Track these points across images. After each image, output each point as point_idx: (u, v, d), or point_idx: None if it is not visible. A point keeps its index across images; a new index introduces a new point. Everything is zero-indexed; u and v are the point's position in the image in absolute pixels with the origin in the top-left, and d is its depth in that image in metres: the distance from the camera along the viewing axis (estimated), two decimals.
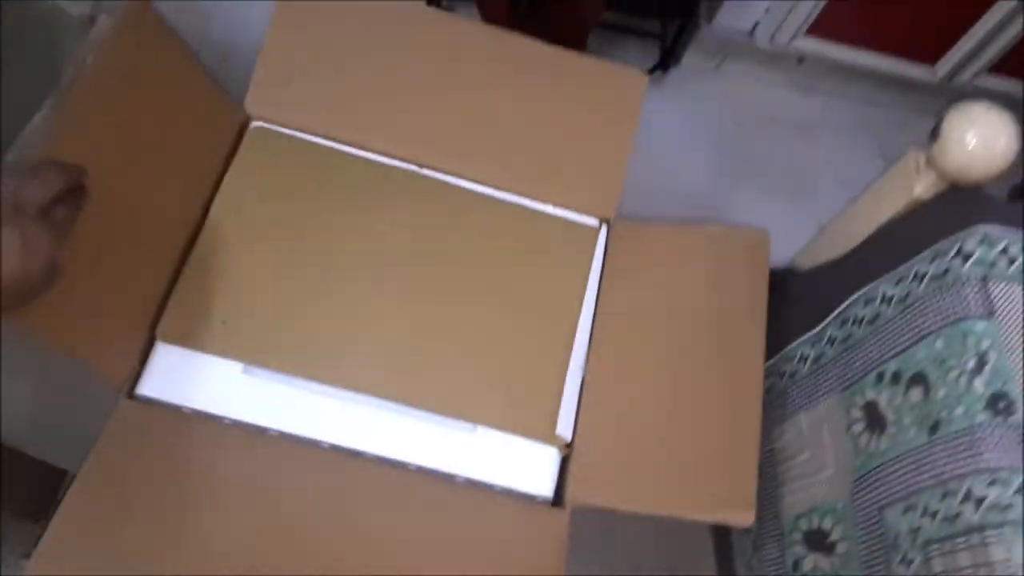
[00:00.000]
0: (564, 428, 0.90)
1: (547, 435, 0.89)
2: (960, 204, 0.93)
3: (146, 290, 0.87)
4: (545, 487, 0.88)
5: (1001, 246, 0.89)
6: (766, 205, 1.56)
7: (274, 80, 0.99)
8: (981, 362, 0.84)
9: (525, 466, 0.88)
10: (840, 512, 0.97)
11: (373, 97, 1.00)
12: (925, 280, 0.92)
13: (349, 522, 0.83)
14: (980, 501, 0.80)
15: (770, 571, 1.07)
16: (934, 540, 0.84)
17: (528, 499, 0.88)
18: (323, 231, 0.94)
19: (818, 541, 1.00)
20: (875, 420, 0.95)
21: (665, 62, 1.50)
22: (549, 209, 1.01)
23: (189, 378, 0.86)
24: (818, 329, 1.08)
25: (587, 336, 0.95)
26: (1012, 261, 0.89)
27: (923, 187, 0.96)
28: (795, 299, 1.11)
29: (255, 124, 0.98)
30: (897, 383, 0.92)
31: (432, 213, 0.98)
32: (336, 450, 0.86)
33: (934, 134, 0.93)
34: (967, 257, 0.89)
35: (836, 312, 1.05)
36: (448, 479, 0.87)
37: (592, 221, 1.02)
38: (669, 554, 1.28)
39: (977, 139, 0.90)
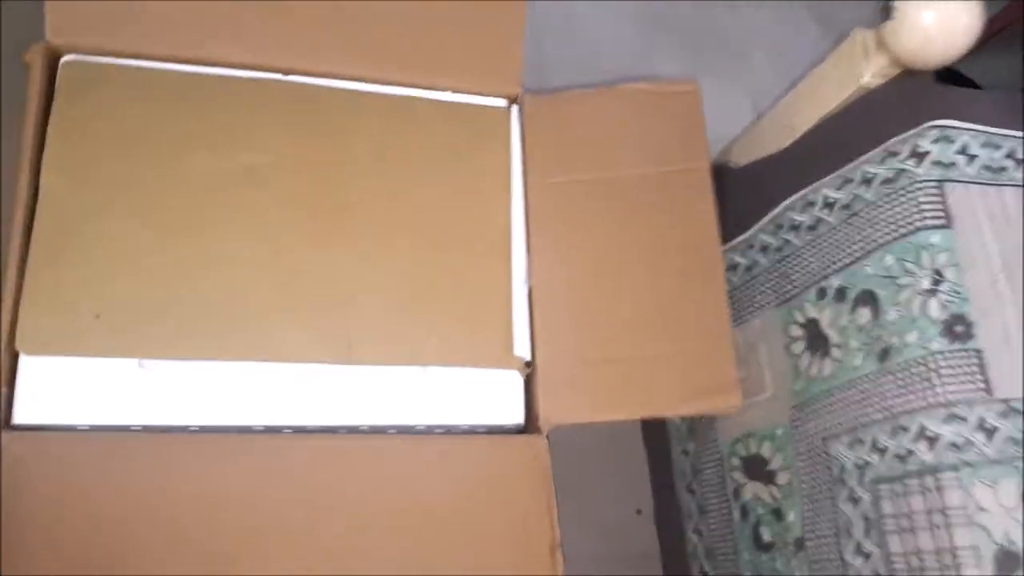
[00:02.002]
0: (521, 347, 0.79)
1: (504, 358, 0.79)
2: (914, 95, 0.81)
3: None
4: (514, 415, 0.78)
5: (960, 143, 0.78)
6: (697, 81, 1.42)
7: None
8: (937, 280, 0.74)
9: (487, 398, 0.78)
10: (780, 439, 0.89)
11: None
12: (874, 184, 0.81)
13: (313, 507, 0.72)
14: (934, 439, 0.72)
15: (712, 496, 1.00)
16: (883, 479, 0.76)
17: (498, 432, 0.78)
18: (188, 177, 0.76)
19: (757, 468, 0.93)
20: (817, 340, 0.86)
21: None
22: (447, 97, 0.86)
23: (74, 390, 0.70)
24: (749, 234, 0.97)
25: (523, 237, 0.83)
26: (972, 159, 0.78)
27: (872, 73, 0.83)
28: (727, 199, 0.99)
29: (67, 58, 0.77)
30: (842, 301, 0.83)
31: (309, 129, 0.81)
32: (273, 431, 0.73)
33: (885, 13, 0.80)
34: (922, 157, 0.77)
35: (769, 216, 0.94)
36: (406, 432, 0.76)
37: (499, 102, 0.87)
38: (605, 483, 1.21)
39: (935, 18, 0.77)
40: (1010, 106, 0.80)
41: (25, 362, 0.70)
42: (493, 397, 0.78)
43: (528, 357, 0.79)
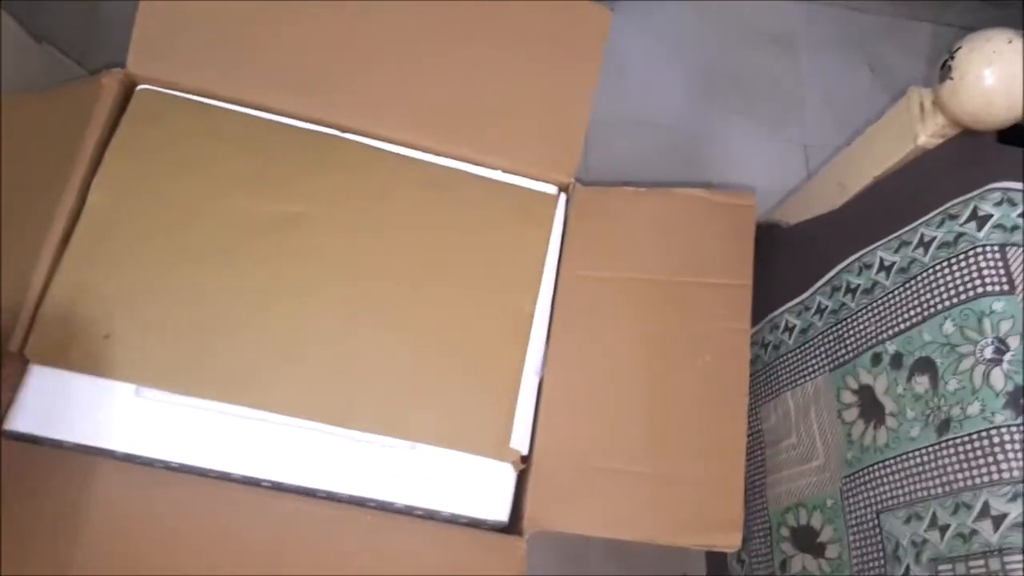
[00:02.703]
0: (519, 440, 0.76)
1: (499, 449, 0.75)
2: (974, 156, 0.78)
3: (12, 300, 0.72)
4: (499, 510, 0.75)
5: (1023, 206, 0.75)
6: (748, 132, 1.40)
7: (160, 32, 0.81)
8: (1000, 349, 0.71)
9: (475, 487, 0.75)
10: (831, 510, 0.86)
11: (281, 47, 0.83)
12: (932, 247, 0.78)
13: (273, 567, 0.70)
14: (1000, 518, 0.68)
15: (760, 567, 0.96)
16: (943, 558, 0.72)
17: (479, 525, 0.75)
18: (227, 217, 0.77)
19: (807, 540, 0.89)
20: (871, 408, 0.82)
21: None
22: (498, 176, 0.85)
23: (69, 406, 0.71)
24: (805, 296, 0.94)
25: (545, 328, 0.81)
26: None
27: (929, 134, 0.81)
28: (781, 259, 0.97)
29: (142, 87, 0.81)
30: (898, 368, 0.79)
31: (358, 188, 0.81)
32: (250, 483, 0.72)
33: (944, 71, 0.77)
34: (983, 221, 0.74)
35: (825, 278, 0.91)
36: (385, 507, 0.74)
37: (550, 188, 0.86)
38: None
39: (996, 79, 0.74)
40: None
41: (31, 371, 0.71)
42: (481, 488, 0.75)
43: (525, 452, 0.76)
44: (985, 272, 0.73)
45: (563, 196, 0.86)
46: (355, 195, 0.81)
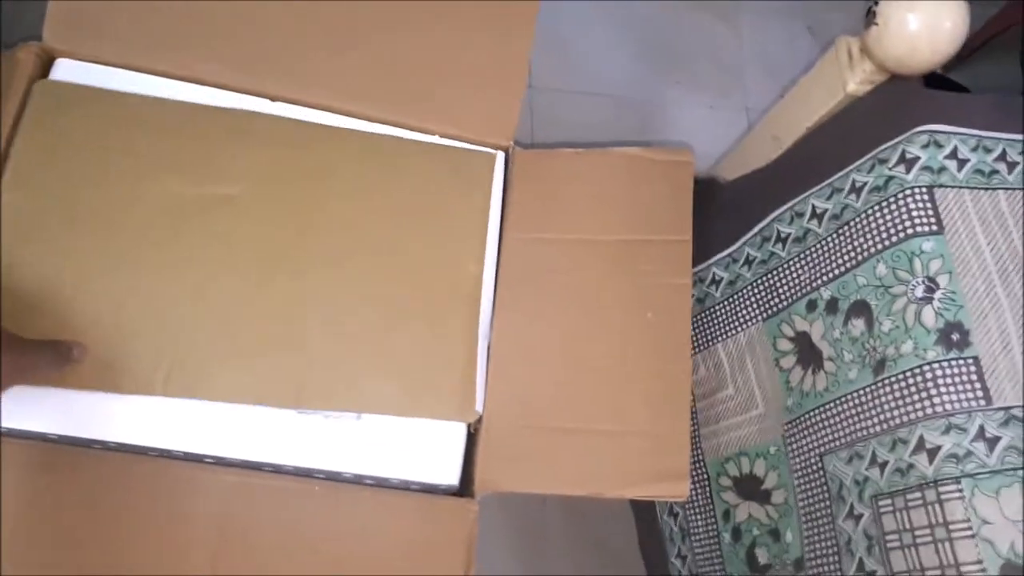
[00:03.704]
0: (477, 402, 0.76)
1: (462, 411, 0.74)
2: (901, 101, 0.79)
3: None
4: (450, 474, 0.73)
5: (950, 148, 0.76)
6: (692, 100, 1.41)
7: (78, 3, 0.77)
8: (931, 288, 0.73)
9: (424, 452, 0.73)
10: (774, 456, 0.87)
11: (207, 17, 0.79)
12: (863, 192, 0.79)
13: (218, 542, 0.68)
14: (934, 451, 0.70)
15: (698, 520, 0.97)
16: (884, 494, 0.74)
17: (431, 490, 0.74)
18: (153, 203, 0.74)
19: (751, 488, 0.90)
20: (809, 354, 0.83)
21: None
22: (435, 140, 0.83)
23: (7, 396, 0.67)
24: (732, 249, 0.95)
25: (491, 292, 0.80)
26: (963, 164, 0.76)
27: (858, 81, 0.82)
28: (716, 214, 0.98)
29: (40, 83, 0.76)
30: (834, 313, 0.81)
31: (289, 164, 0.78)
32: (192, 459, 0.70)
33: (869, 18, 0.78)
34: (911, 163, 0.76)
35: (755, 230, 0.92)
36: (334, 478, 0.72)
37: (488, 152, 0.85)
38: (581, 508, 1.18)
39: (920, 23, 0.76)
40: (1000, 108, 0.78)
41: None
42: (431, 453, 0.74)
43: (481, 412, 0.76)
44: (915, 213, 0.75)
45: (502, 157, 0.85)
46: (289, 170, 0.78)
